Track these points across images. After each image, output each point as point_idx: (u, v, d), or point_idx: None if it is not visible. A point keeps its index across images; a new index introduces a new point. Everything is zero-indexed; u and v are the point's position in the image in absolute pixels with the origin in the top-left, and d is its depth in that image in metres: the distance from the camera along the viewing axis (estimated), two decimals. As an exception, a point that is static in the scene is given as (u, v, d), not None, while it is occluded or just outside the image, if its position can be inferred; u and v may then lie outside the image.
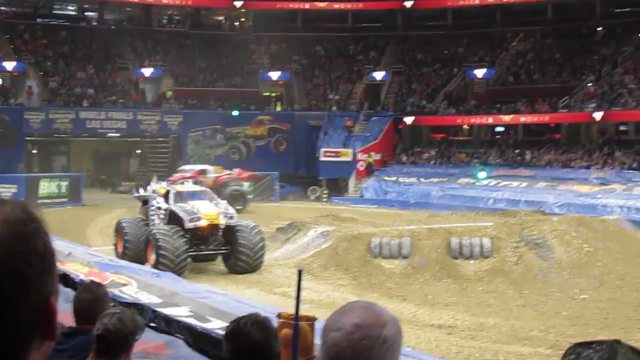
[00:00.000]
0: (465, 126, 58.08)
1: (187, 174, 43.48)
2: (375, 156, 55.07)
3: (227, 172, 47.95)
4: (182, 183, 31.59)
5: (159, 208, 26.49)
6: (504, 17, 62.10)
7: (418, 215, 38.43)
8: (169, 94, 58.75)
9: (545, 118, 52.66)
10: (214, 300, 12.36)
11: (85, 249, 19.99)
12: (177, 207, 25.58)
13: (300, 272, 4.59)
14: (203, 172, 46.33)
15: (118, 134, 57.02)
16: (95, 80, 58.26)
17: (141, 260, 23.49)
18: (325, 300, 21.51)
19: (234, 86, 61.37)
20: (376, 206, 48.58)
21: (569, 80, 54.66)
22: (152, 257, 23.98)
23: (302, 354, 4.82)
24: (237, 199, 41.04)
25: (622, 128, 52.50)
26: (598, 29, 58.13)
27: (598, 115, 48.56)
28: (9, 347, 1.46)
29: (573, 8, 59.22)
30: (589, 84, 52.38)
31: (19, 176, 47.95)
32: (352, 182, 54.43)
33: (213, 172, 47.09)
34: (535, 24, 60.86)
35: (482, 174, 49.46)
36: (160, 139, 57.58)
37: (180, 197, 26.36)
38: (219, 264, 26.53)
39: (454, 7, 63.37)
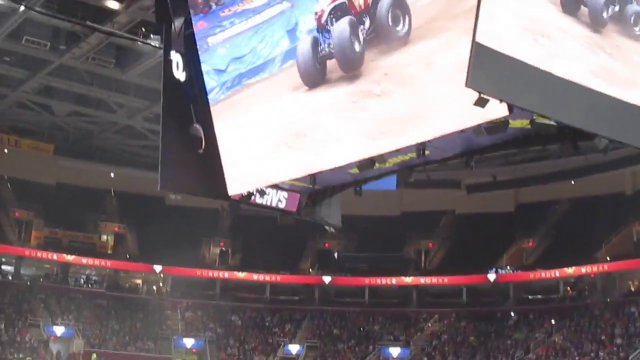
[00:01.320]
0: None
1: None
2: None
3: None
4: None
5: None
6: (419, 298, 63.37)
7: None
8: (94, 356, 57.15)
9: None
10: None
11: None
12: None
13: None
14: None
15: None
16: (4, 336, 56.53)
17: None
18: None
19: (146, 351, 60.08)
20: None
21: (482, 363, 55.14)
22: None
23: None
24: None
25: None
26: (511, 313, 59.49)
27: (512, 400, 48.67)
28: None
29: (487, 292, 60.89)
30: (503, 368, 52.87)
31: None
32: None
33: None
34: (450, 305, 62.19)
35: None
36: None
37: None
38: None
39: (371, 285, 64.51)
